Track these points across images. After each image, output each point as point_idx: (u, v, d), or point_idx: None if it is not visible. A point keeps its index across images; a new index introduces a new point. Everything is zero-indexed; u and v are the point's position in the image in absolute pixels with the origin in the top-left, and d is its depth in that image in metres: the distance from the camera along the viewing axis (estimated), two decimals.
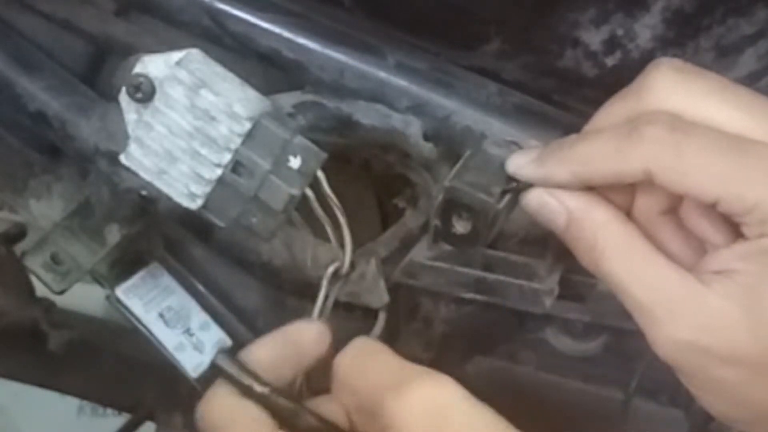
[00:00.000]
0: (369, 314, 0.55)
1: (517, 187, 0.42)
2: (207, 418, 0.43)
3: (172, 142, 0.44)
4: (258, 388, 0.43)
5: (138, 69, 0.44)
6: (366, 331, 0.54)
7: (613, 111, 0.40)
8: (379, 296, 0.54)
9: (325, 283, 0.47)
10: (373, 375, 0.42)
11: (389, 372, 0.42)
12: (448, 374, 0.41)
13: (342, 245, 0.47)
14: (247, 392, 0.43)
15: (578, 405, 0.59)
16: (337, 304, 0.49)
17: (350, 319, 0.55)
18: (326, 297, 0.48)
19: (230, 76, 0.44)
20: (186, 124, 0.44)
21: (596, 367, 0.58)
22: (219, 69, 0.44)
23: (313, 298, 0.48)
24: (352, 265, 0.49)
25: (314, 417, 0.42)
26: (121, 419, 0.88)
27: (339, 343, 0.46)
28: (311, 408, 0.43)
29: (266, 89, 0.46)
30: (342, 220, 0.46)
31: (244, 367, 0.43)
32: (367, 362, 0.43)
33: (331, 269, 0.48)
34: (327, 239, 0.47)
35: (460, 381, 0.40)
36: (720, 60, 0.48)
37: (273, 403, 0.42)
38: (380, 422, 0.40)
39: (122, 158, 0.45)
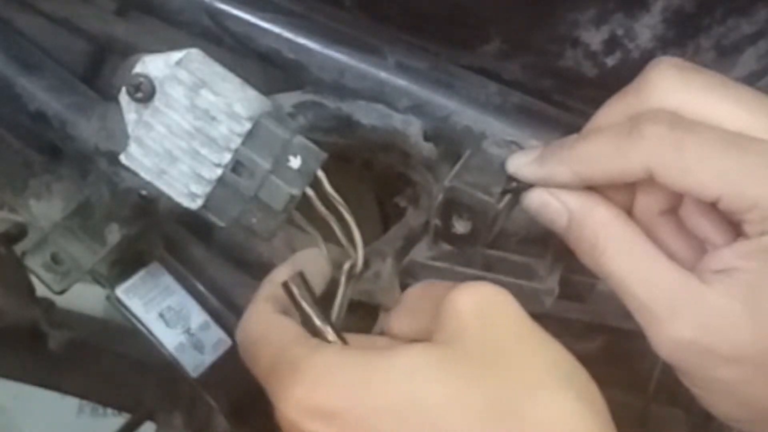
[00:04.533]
0: (369, 313, 0.55)
1: (517, 187, 0.42)
2: (245, 331, 0.43)
3: (172, 142, 0.44)
4: (317, 321, 0.41)
5: (138, 69, 0.44)
6: (365, 330, 0.54)
7: (614, 110, 0.40)
8: (393, 296, 0.54)
9: (343, 280, 0.47)
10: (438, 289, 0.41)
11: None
12: None
13: (351, 244, 0.47)
14: (305, 322, 0.41)
15: None
16: None
17: (350, 319, 0.55)
18: (344, 295, 0.47)
19: (230, 76, 0.44)
20: (186, 124, 0.44)
21: (596, 367, 0.58)
22: (219, 69, 0.44)
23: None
24: (366, 264, 0.49)
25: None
26: (121, 419, 0.88)
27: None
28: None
29: (266, 89, 0.46)
30: (349, 218, 0.46)
31: (311, 294, 0.42)
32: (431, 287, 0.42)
33: (346, 267, 0.47)
34: (330, 240, 0.47)
35: None
36: (720, 60, 0.48)
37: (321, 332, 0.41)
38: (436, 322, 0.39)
39: (122, 158, 0.45)
